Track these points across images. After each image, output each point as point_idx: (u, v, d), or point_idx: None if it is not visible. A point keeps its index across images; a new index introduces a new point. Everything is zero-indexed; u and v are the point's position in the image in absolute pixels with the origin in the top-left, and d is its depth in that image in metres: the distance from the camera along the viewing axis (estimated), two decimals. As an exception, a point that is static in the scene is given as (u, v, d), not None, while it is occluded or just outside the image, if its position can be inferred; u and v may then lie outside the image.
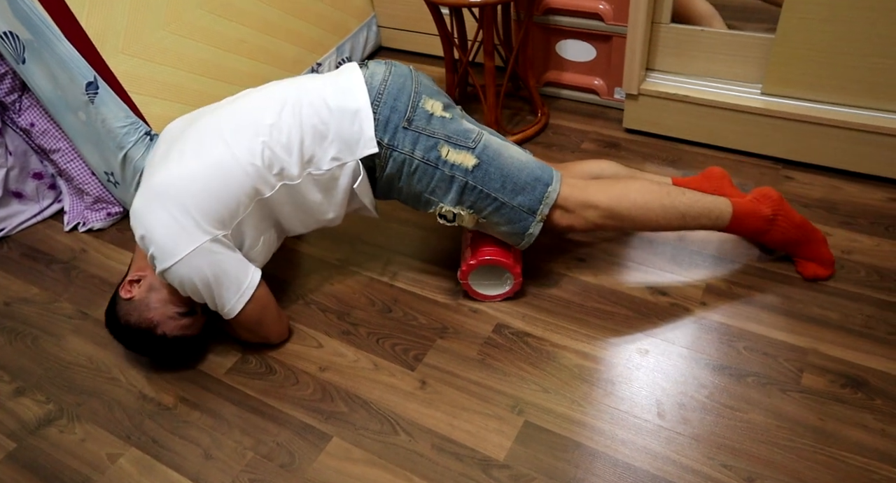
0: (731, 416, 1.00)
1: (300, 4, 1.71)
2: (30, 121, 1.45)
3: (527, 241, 1.12)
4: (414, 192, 1.10)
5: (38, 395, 1.19)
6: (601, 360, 1.11)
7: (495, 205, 1.07)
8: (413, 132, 1.05)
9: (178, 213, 0.99)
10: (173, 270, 1.01)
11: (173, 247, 1.00)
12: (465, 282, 1.20)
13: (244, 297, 1.07)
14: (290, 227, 1.16)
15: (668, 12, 1.41)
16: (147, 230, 1.00)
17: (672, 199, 1.10)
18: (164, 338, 1.11)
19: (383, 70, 1.09)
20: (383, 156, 1.06)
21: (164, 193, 1.00)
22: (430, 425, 1.05)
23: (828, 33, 1.25)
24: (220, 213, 1.02)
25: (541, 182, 1.07)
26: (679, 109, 1.50)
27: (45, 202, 1.63)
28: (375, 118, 1.04)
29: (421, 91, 1.08)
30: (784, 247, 1.17)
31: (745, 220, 1.12)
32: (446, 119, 1.07)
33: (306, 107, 1.04)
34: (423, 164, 1.05)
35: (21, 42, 1.26)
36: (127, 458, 1.07)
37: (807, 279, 1.18)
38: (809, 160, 1.42)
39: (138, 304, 1.09)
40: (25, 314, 1.37)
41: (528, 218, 1.08)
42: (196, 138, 1.05)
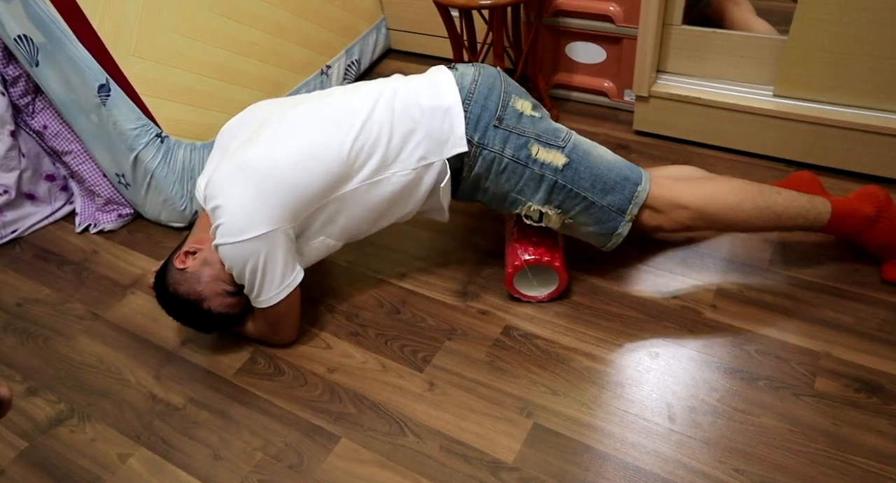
0: (742, 419, 0.99)
1: (310, 7, 1.72)
2: (43, 123, 1.46)
3: (614, 241, 1.11)
4: (501, 192, 1.09)
5: (49, 395, 1.20)
6: (611, 362, 1.10)
7: (584, 204, 1.07)
8: (503, 130, 1.05)
9: (259, 194, 1.00)
10: (232, 247, 1.01)
11: (243, 225, 1.00)
12: (520, 267, 1.15)
13: (283, 293, 1.08)
14: (363, 227, 1.14)
15: (679, 14, 1.41)
16: (224, 201, 1.01)
17: (766, 198, 1.08)
18: (209, 312, 1.11)
19: (472, 71, 1.10)
20: (473, 154, 1.06)
21: (251, 171, 1.01)
22: (439, 427, 1.04)
23: (841, 35, 1.23)
24: (298, 203, 1.03)
25: (630, 181, 1.07)
26: (690, 111, 1.49)
27: (57, 204, 1.64)
28: (466, 117, 1.05)
29: (510, 90, 1.09)
30: (881, 250, 1.12)
31: (844, 220, 1.08)
32: (536, 118, 1.08)
33: (399, 104, 1.05)
34: (512, 162, 1.05)
35: (35, 45, 1.27)
36: (137, 457, 1.07)
37: (884, 281, 1.15)
38: (822, 163, 1.40)
39: (190, 275, 1.10)
40: (37, 315, 1.38)
41: (617, 218, 1.08)
42: (291, 125, 1.06)
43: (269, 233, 1.01)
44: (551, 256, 1.15)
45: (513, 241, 1.20)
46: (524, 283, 1.21)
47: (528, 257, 1.14)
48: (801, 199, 1.09)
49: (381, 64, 2.08)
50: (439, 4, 1.44)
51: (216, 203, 1.02)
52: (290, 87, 1.72)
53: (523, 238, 1.18)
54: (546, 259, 1.14)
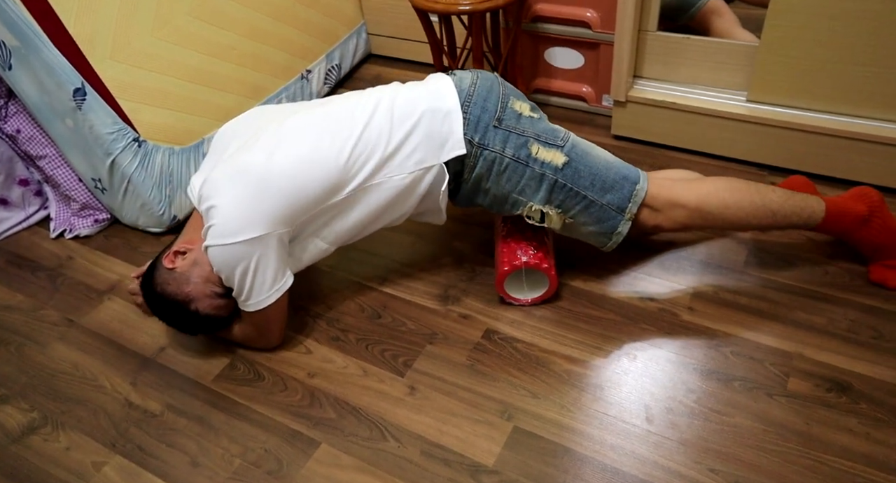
0: (718, 420, 1.01)
1: (289, 11, 1.71)
2: (16, 127, 1.44)
3: (614, 241, 1.12)
4: (502, 193, 1.10)
5: (21, 404, 1.18)
6: (590, 365, 1.11)
7: (584, 203, 1.08)
8: (503, 131, 1.06)
9: (255, 200, 1.00)
10: (222, 249, 1.01)
11: (237, 228, 1.00)
12: (519, 267, 1.15)
13: (272, 297, 1.07)
14: (355, 231, 1.14)
15: (654, 20, 1.43)
16: (219, 202, 1.00)
17: (762, 196, 1.10)
18: (196, 313, 1.10)
19: (470, 75, 1.12)
20: (473, 155, 1.07)
21: (248, 174, 1.01)
22: (420, 431, 1.05)
23: (811, 41, 1.27)
24: (292, 209, 1.02)
25: (629, 180, 1.08)
26: (666, 116, 1.52)
27: (31, 209, 1.61)
28: (466, 118, 1.06)
29: (508, 93, 1.11)
30: (870, 249, 1.14)
31: (838, 218, 1.11)
32: (534, 119, 1.09)
33: (398, 110, 1.06)
34: (513, 162, 1.06)
35: (7, 48, 1.25)
36: (112, 466, 1.05)
37: (872, 282, 1.17)
38: (794, 166, 1.43)
39: (179, 275, 1.08)
40: (10, 322, 1.35)
41: (616, 217, 1.09)
42: (289, 131, 1.06)
43: (263, 236, 1.01)
44: (549, 263, 1.16)
45: (509, 241, 1.20)
46: (515, 285, 1.22)
47: (527, 259, 1.15)
48: (796, 197, 1.11)
49: (361, 69, 2.08)
50: (419, 10, 1.45)
51: (211, 203, 1.01)
52: (270, 91, 1.72)
53: (521, 240, 1.19)
54: (545, 265, 1.15)
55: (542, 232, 1.21)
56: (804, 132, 1.36)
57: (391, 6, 1.93)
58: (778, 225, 1.12)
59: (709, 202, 1.09)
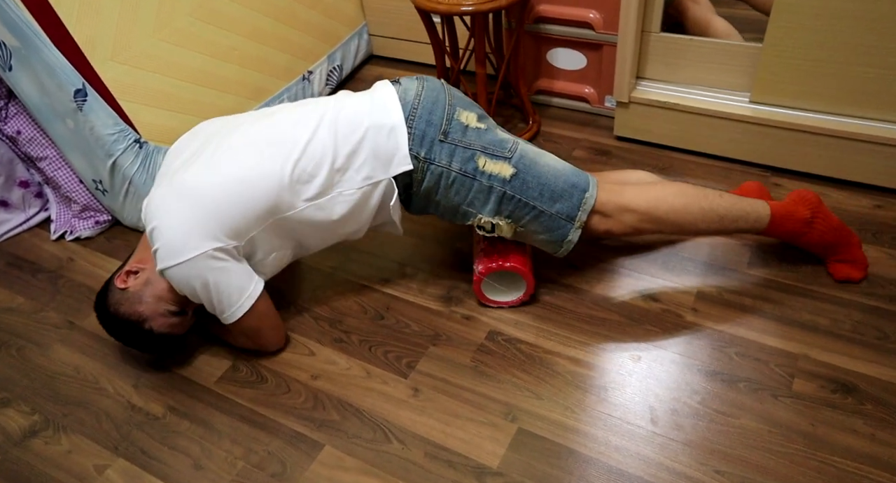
0: (723, 421, 1.00)
1: (291, 12, 1.71)
2: (16, 128, 1.43)
3: (565, 248, 1.12)
4: (452, 205, 1.09)
5: (23, 407, 1.17)
6: (594, 366, 1.11)
7: (534, 213, 1.07)
8: (449, 145, 1.05)
9: (194, 215, 0.99)
10: (175, 270, 1.00)
11: (181, 247, 0.99)
12: (481, 279, 1.18)
13: (244, 307, 1.06)
14: (310, 244, 1.15)
15: (658, 21, 1.43)
16: (159, 225, 1.00)
17: (710, 201, 1.11)
18: (151, 333, 1.10)
19: (416, 85, 1.10)
20: (420, 170, 1.06)
21: (187, 193, 1.00)
22: (423, 433, 1.04)
23: (814, 43, 1.27)
24: (237, 224, 1.01)
25: (578, 188, 1.08)
26: (669, 117, 1.51)
27: (32, 211, 1.61)
28: (411, 133, 1.04)
29: (455, 103, 1.09)
30: (820, 248, 1.17)
31: (783, 222, 1.12)
32: (481, 130, 1.08)
33: (342, 125, 1.05)
34: (460, 176, 1.06)
35: (8, 49, 1.25)
36: (114, 469, 1.05)
37: (838, 281, 1.19)
38: (797, 168, 1.43)
39: (131, 295, 1.08)
40: (11, 324, 1.35)
41: (566, 225, 1.09)
42: (230, 146, 1.04)
43: (209, 251, 1.00)
44: (506, 260, 1.15)
45: (477, 249, 1.21)
46: (493, 290, 1.22)
47: (481, 268, 1.16)
48: (742, 202, 1.13)
49: (363, 70, 2.08)
50: (421, 10, 1.45)
51: (152, 225, 1.01)
52: (272, 92, 1.71)
53: (486, 245, 1.20)
54: (508, 265, 1.15)
55: None
56: (808, 133, 1.36)
57: (393, 7, 1.93)
58: (726, 229, 1.13)
59: (658, 207, 1.10)
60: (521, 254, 1.18)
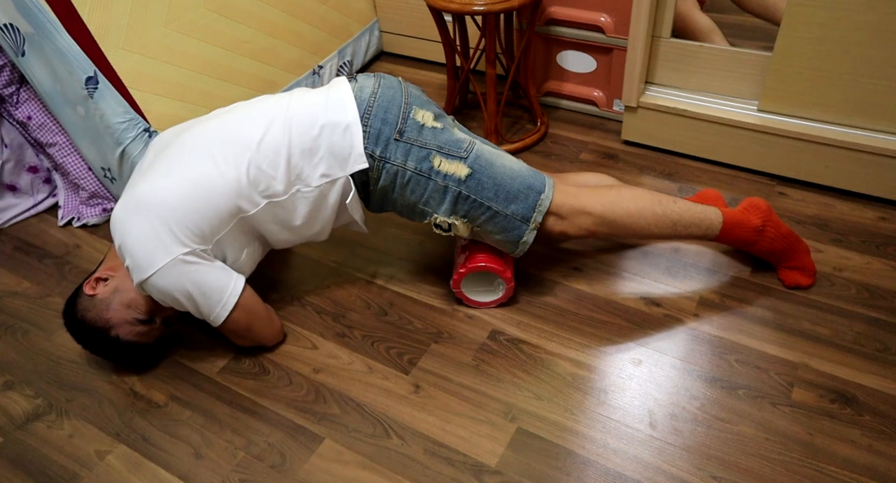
0: (721, 427, 1.01)
1: (303, 7, 1.71)
2: (27, 114, 1.44)
3: (521, 248, 1.12)
4: (408, 204, 1.10)
5: (26, 390, 1.18)
6: (594, 368, 1.12)
7: (489, 214, 1.08)
8: (405, 144, 1.05)
9: (157, 226, 0.99)
10: (151, 282, 1.00)
11: (150, 258, 0.99)
12: (458, 290, 1.21)
13: (228, 306, 1.06)
14: (275, 242, 1.15)
15: (668, 27, 1.43)
16: (125, 240, 1.00)
17: (664, 207, 1.12)
18: (117, 340, 1.10)
19: (372, 83, 1.09)
20: (376, 168, 1.06)
21: (145, 205, 1.00)
22: (423, 429, 1.05)
23: (824, 53, 1.27)
24: (200, 227, 1.01)
25: (533, 190, 1.08)
26: (677, 123, 1.52)
27: (40, 196, 1.62)
28: (366, 131, 1.04)
29: (411, 102, 1.08)
30: (770, 256, 1.20)
31: (734, 229, 1.14)
32: (437, 129, 1.08)
33: (296, 123, 1.04)
34: (415, 175, 1.06)
35: (21, 34, 1.25)
36: (115, 455, 1.06)
37: (787, 287, 1.21)
38: (803, 177, 1.44)
39: (99, 302, 1.09)
40: (16, 308, 1.35)
41: (521, 226, 1.09)
42: (183, 151, 1.04)
43: (179, 257, 1.00)
44: (472, 261, 1.16)
45: (454, 256, 1.23)
46: (478, 293, 1.23)
47: (455, 277, 1.18)
48: (695, 208, 1.14)
49: (372, 66, 2.08)
50: (433, 8, 1.45)
51: (119, 242, 1.01)
52: (282, 85, 1.72)
53: (460, 251, 1.21)
54: (466, 268, 1.16)
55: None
56: (814, 143, 1.37)
57: (405, 4, 1.93)
58: (679, 235, 1.14)
59: (612, 211, 1.11)
60: (492, 251, 1.18)
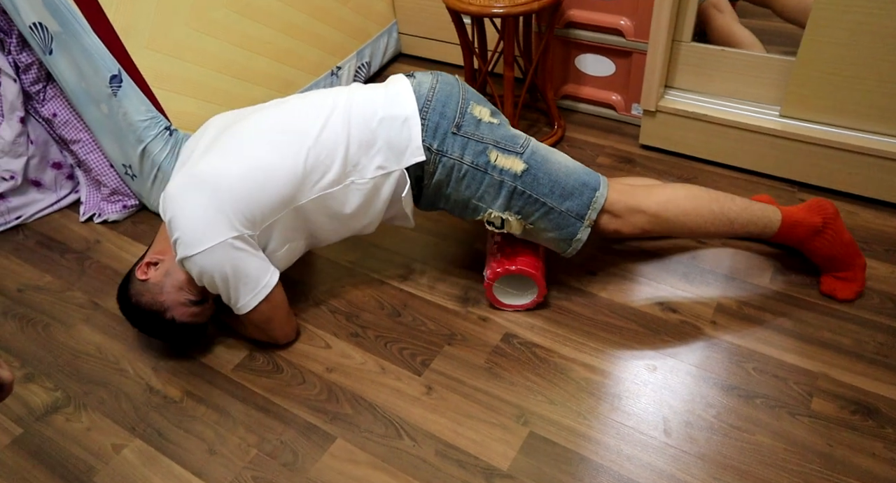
0: (738, 437, 0.99)
1: (323, 8, 1.73)
2: (52, 111, 1.47)
3: (574, 247, 1.12)
4: (462, 199, 1.10)
5: (46, 382, 1.20)
6: (609, 374, 1.11)
7: (544, 210, 1.07)
8: (462, 137, 1.06)
9: (211, 205, 1.00)
10: (194, 260, 1.01)
11: (200, 236, 1.00)
12: (491, 284, 1.19)
13: (259, 297, 1.08)
14: (323, 236, 1.16)
15: (689, 30, 1.42)
16: (177, 214, 1.01)
17: (721, 205, 1.10)
18: (172, 322, 1.11)
19: (430, 79, 1.11)
20: (432, 161, 1.06)
21: (203, 183, 1.01)
22: (435, 431, 1.05)
23: (848, 58, 1.25)
24: (253, 213, 1.02)
25: (588, 187, 1.08)
26: (696, 128, 1.50)
27: (63, 192, 1.65)
28: (424, 124, 1.05)
29: (468, 97, 1.10)
30: (823, 260, 1.16)
31: (794, 228, 1.12)
32: (494, 124, 1.08)
33: (355, 115, 1.05)
34: (472, 169, 1.06)
35: (49, 33, 1.28)
36: (131, 449, 1.07)
37: (822, 294, 1.18)
38: (825, 184, 1.41)
39: (152, 286, 1.10)
40: (38, 301, 1.38)
41: (576, 223, 1.08)
42: (243, 136, 1.06)
43: (228, 240, 1.01)
44: (512, 263, 1.15)
45: (489, 252, 1.22)
46: (504, 294, 1.22)
47: (489, 273, 1.17)
48: (754, 206, 1.12)
49: (390, 67, 2.09)
50: (452, 11, 1.45)
51: (170, 215, 1.02)
52: (301, 86, 1.73)
53: (497, 249, 1.20)
54: (514, 268, 1.15)
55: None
56: (837, 150, 1.34)
57: (424, 6, 1.94)
58: (736, 233, 1.13)
59: (668, 209, 1.09)
60: (531, 256, 1.17)
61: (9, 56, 1.39)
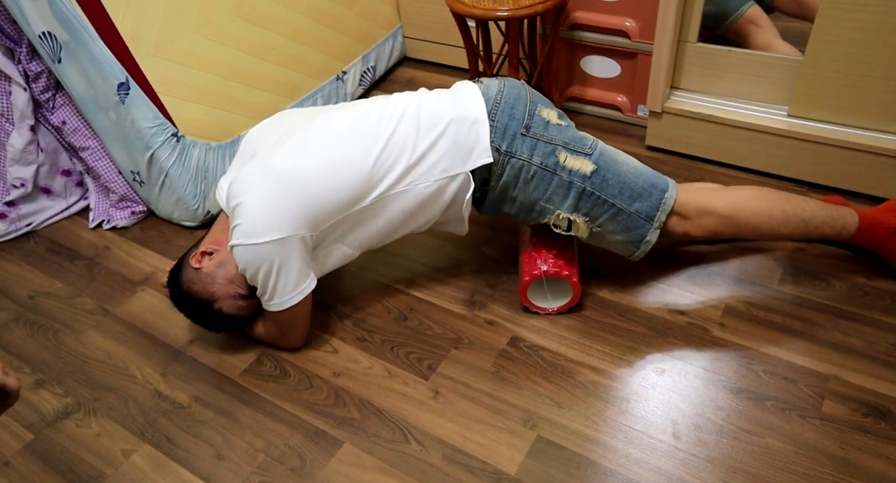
0: (748, 440, 0.98)
1: (328, 13, 1.73)
2: (62, 119, 1.48)
3: (643, 249, 1.11)
4: (530, 201, 1.10)
5: (56, 389, 1.21)
6: (616, 377, 1.10)
7: (612, 211, 1.07)
8: (531, 139, 1.06)
9: (280, 200, 1.01)
10: (247, 249, 1.02)
11: (262, 228, 1.01)
12: (539, 276, 1.15)
13: (295, 298, 1.08)
14: (376, 240, 1.15)
15: (695, 31, 1.41)
16: (245, 202, 1.02)
17: (794, 206, 1.09)
18: (220, 313, 1.12)
19: (497, 83, 1.12)
20: (501, 163, 1.07)
21: (277, 177, 1.02)
22: (442, 436, 1.04)
23: (856, 57, 1.24)
24: (317, 212, 1.03)
25: (657, 188, 1.08)
26: (703, 128, 1.49)
27: (72, 199, 1.66)
28: (493, 126, 1.06)
29: (536, 100, 1.10)
30: None
31: (872, 230, 1.10)
32: (562, 126, 1.09)
33: (424, 119, 1.06)
34: (541, 170, 1.06)
35: (58, 42, 1.29)
36: (140, 454, 1.08)
37: None
38: (834, 184, 1.40)
39: (205, 275, 1.11)
40: (48, 308, 1.39)
41: (645, 225, 1.08)
42: (317, 136, 1.06)
43: (287, 238, 1.02)
44: (570, 271, 1.15)
45: (531, 250, 1.20)
46: (537, 294, 1.21)
47: (546, 268, 1.14)
48: (829, 208, 1.10)
49: (395, 71, 2.10)
50: (456, 14, 1.45)
51: (238, 201, 1.02)
52: (306, 91, 1.74)
53: (542, 248, 1.18)
54: (565, 273, 1.14)
55: (565, 240, 1.20)
56: (846, 149, 1.33)
57: (428, 10, 1.94)
58: (810, 235, 1.10)
59: (740, 210, 1.08)
60: (576, 267, 1.17)
61: (19, 65, 1.40)
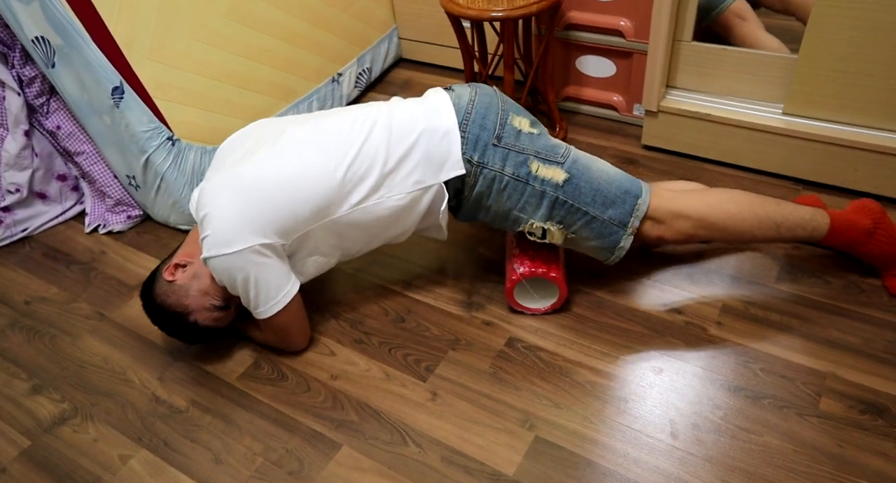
0: (746, 438, 0.98)
1: (323, 15, 1.73)
2: (56, 123, 1.48)
3: (617, 255, 1.11)
4: (503, 210, 1.09)
5: (53, 394, 1.21)
6: (614, 377, 1.10)
7: (586, 219, 1.07)
8: (503, 149, 1.06)
9: (247, 208, 1.01)
10: (220, 260, 1.02)
11: (230, 238, 1.00)
12: (519, 280, 1.16)
13: (279, 305, 1.08)
14: (354, 249, 1.15)
15: (690, 30, 1.41)
16: (212, 212, 1.01)
17: (766, 208, 1.09)
18: (195, 325, 1.12)
19: (469, 91, 1.11)
20: (473, 174, 1.06)
21: (243, 186, 1.02)
22: (441, 437, 1.04)
23: (851, 55, 1.24)
24: (286, 222, 1.03)
25: (630, 194, 1.07)
26: (699, 127, 1.49)
27: (68, 203, 1.66)
28: (465, 137, 1.05)
29: (507, 109, 1.10)
30: (879, 260, 1.15)
31: (843, 231, 1.11)
32: (534, 135, 1.08)
33: (396, 129, 1.06)
34: (513, 180, 1.06)
35: (52, 47, 1.29)
36: (138, 459, 1.07)
37: (893, 295, 1.16)
38: (830, 181, 1.40)
39: (178, 288, 1.10)
40: (44, 313, 1.39)
41: (618, 231, 1.08)
42: (287, 146, 1.06)
43: (257, 246, 1.01)
44: (547, 268, 1.15)
45: (512, 254, 1.20)
46: (525, 295, 1.21)
47: (523, 270, 1.15)
48: (801, 210, 1.11)
49: (391, 73, 2.09)
50: (451, 15, 1.45)
51: (205, 212, 1.02)
52: (302, 93, 1.74)
53: (521, 252, 1.19)
54: (541, 271, 1.14)
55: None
56: (843, 147, 1.33)
57: (423, 11, 1.94)
58: (782, 237, 1.11)
59: (713, 213, 1.08)
60: (559, 264, 1.17)
61: (12, 70, 1.40)
